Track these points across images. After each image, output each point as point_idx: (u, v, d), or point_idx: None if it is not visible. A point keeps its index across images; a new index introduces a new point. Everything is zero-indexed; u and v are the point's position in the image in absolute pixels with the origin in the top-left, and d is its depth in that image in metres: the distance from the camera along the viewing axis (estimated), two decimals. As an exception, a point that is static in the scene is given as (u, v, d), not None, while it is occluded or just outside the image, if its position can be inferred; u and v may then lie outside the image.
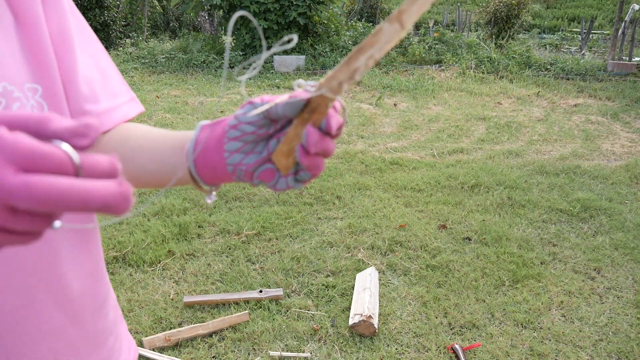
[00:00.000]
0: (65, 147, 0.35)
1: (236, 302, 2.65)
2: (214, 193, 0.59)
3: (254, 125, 0.53)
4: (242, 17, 11.02)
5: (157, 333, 2.41)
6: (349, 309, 2.60)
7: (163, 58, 11.19)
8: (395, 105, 7.69)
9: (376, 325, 2.43)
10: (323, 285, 2.84)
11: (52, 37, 0.65)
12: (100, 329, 0.74)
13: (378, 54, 0.45)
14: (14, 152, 0.32)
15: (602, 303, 2.76)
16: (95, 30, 13.84)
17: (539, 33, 18.91)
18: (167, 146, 0.66)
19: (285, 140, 0.52)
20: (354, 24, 12.44)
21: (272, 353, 2.31)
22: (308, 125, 0.50)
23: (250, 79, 9.67)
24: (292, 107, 0.50)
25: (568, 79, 9.79)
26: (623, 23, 11.14)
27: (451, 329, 2.52)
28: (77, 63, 0.69)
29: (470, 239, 3.42)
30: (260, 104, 0.53)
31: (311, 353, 2.33)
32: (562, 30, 20.93)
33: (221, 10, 11.16)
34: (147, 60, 11.22)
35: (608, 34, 17.28)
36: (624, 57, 11.04)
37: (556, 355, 2.35)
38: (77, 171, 0.34)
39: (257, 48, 11.03)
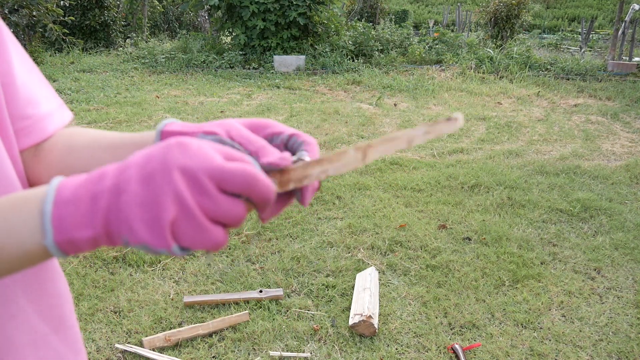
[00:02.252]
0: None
1: (236, 302, 2.65)
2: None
3: None
4: (237, 18, 11.03)
5: (157, 333, 2.41)
6: (349, 309, 2.60)
7: (163, 58, 11.19)
8: (395, 105, 7.69)
9: (376, 325, 2.43)
10: (323, 285, 2.84)
11: None
12: (77, 334, 0.74)
13: (332, 172, 0.49)
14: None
15: (602, 303, 2.76)
16: (95, 30, 13.85)
17: (539, 33, 18.91)
18: (126, 155, 0.64)
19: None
20: (354, 24, 12.44)
21: (272, 353, 2.31)
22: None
23: (250, 78, 9.67)
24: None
25: (568, 79, 9.79)
26: (623, 23, 11.13)
27: (451, 329, 2.52)
28: (14, 66, 0.67)
29: (470, 239, 3.42)
30: (210, 137, 0.53)
31: (311, 353, 2.33)
32: (562, 30, 20.92)
33: (219, 11, 11.16)
34: (147, 60, 11.22)
35: (608, 34, 17.28)
36: (624, 57, 11.04)
37: (556, 355, 2.35)
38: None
39: (256, 48, 11.03)
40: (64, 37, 11.25)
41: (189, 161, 0.43)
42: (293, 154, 0.55)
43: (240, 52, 10.88)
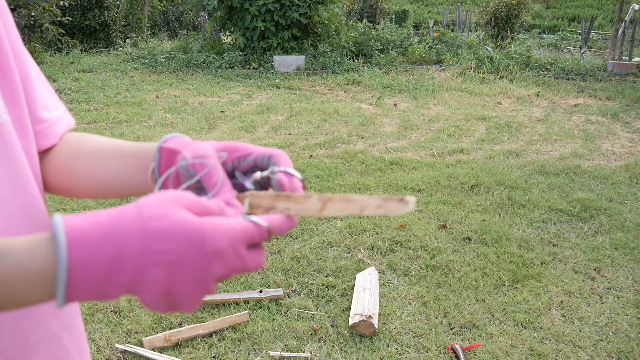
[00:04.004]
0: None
1: (236, 302, 2.65)
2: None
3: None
4: (236, 19, 11.02)
5: (157, 333, 2.41)
6: (349, 309, 2.60)
7: (163, 58, 11.19)
8: (395, 105, 7.69)
9: (376, 325, 2.43)
10: (323, 285, 2.84)
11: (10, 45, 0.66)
12: (82, 334, 0.75)
13: (294, 212, 0.53)
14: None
15: (602, 303, 2.76)
16: (95, 31, 13.84)
17: (539, 33, 18.91)
18: (130, 163, 0.69)
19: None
20: (354, 23, 12.44)
21: (272, 353, 2.31)
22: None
23: (250, 78, 9.68)
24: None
25: (568, 79, 9.79)
26: (623, 23, 11.14)
27: (451, 329, 2.52)
28: (31, 72, 0.70)
29: (470, 239, 3.42)
30: (186, 163, 0.59)
31: (311, 353, 2.33)
32: (562, 30, 20.92)
33: (219, 12, 11.16)
34: (147, 60, 11.22)
35: (608, 34, 17.28)
36: (624, 57, 11.04)
37: (556, 355, 2.35)
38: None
39: (256, 49, 11.03)
40: (59, 38, 11.24)
41: (222, 271, 0.50)
42: (264, 169, 0.60)
43: (240, 52, 10.88)
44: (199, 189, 0.59)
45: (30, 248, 0.46)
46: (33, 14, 10.44)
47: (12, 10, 10.49)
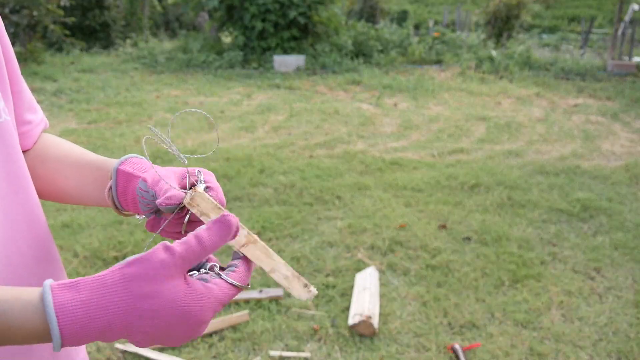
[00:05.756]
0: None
1: (236, 302, 2.65)
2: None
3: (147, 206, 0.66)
4: (235, 18, 11.02)
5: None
6: (348, 309, 2.61)
7: (163, 58, 11.19)
8: (395, 105, 7.70)
9: (376, 325, 2.43)
10: (323, 285, 2.84)
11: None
12: None
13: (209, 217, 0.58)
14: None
15: (602, 303, 2.76)
16: (95, 31, 13.84)
17: (539, 33, 18.90)
18: (89, 177, 0.73)
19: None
20: (354, 24, 12.44)
21: (272, 353, 2.31)
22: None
23: (250, 78, 9.68)
24: (167, 209, 0.61)
25: (568, 79, 9.80)
26: (623, 23, 11.14)
27: (451, 329, 2.52)
28: (20, 75, 0.73)
29: (470, 239, 3.42)
30: (145, 185, 0.64)
31: (311, 353, 2.34)
32: (562, 30, 20.91)
33: (218, 12, 11.16)
34: (147, 60, 11.22)
35: (608, 34, 17.28)
36: (624, 57, 11.04)
37: (556, 355, 2.36)
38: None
39: (256, 48, 11.03)
40: (64, 39, 11.25)
41: (208, 317, 0.55)
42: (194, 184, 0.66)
43: (240, 52, 10.88)
44: (157, 210, 0.64)
45: (24, 316, 0.50)
46: (35, 14, 10.44)
47: (16, 11, 10.49)
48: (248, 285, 0.58)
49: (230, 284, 0.56)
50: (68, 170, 0.74)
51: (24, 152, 0.74)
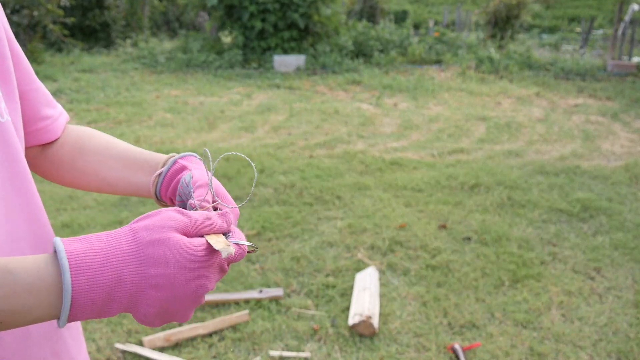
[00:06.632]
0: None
1: (236, 302, 2.65)
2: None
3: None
4: (234, 18, 11.02)
5: (157, 333, 2.41)
6: (348, 309, 2.61)
7: (163, 58, 11.19)
8: (395, 105, 7.70)
9: (376, 325, 2.43)
10: (323, 285, 2.84)
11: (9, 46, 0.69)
12: (79, 327, 0.77)
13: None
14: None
15: (602, 303, 2.76)
16: (95, 31, 13.84)
17: (539, 33, 18.91)
18: (134, 169, 0.75)
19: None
20: (355, 23, 12.43)
21: (272, 353, 2.31)
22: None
23: (250, 78, 9.68)
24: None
25: (568, 79, 9.80)
26: (623, 23, 11.14)
27: (451, 329, 2.52)
28: (32, 73, 0.75)
29: (470, 239, 3.42)
30: (190, 177, 0.67)
31: (311, 353, 2.34)
32: (562, 30, 20.92)
33: (218, 12, 11.15)
34: (147, 60, 11.22)
35: (608, 34, 17.28)
36: (624, 57, 11.04)
37: (556, 355, 2.36)
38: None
39: (255, 48, 11.03)
40: (63, 39, 11.25)
41: (211, 285, 0.55)
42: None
43: (240, 52, 10.87)
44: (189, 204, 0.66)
45: (36, 268, 0.49)
46: (35, 14, 10.45)
47: (17, 11, 10.49)
48: (255, 246, 0.59)
49: (235, 243, 0.56)
50: (112, 162, 0.76)
51: (45, 145, 0.78)
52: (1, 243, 0.60)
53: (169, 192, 0.70)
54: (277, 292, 2.71)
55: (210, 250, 0.53)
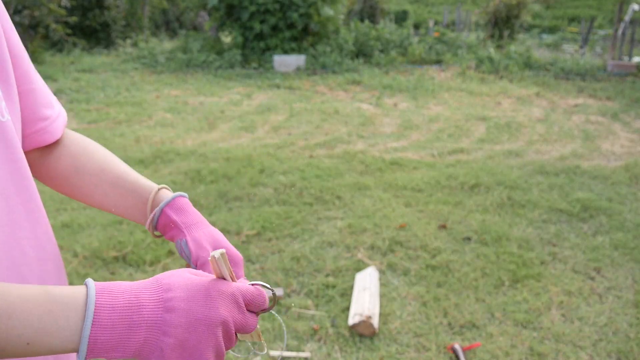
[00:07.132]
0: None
1: (236, 302, 2.64)
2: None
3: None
4: (234, 17, 11.02)
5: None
6: (348, 309, 2.61)
7: (163, 58, 11.19)
8: (395, 105, 7.70)
9: (376, 325, 2.43)
10: (323, 285, 2.84)
11: (8, 47, 0.68)
12: None
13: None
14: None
15: (602, 303, 2.76)
16: (95, 31, 13.84)
17: (539, 33, 18.91)
18: (129, 201, 0.78)
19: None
20: (356, 23, 12.43)
21: (272, 353, 2.31)
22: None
23: (250, 78, 9.68)
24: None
25: (568, 79, 9.80)
26: (623, 23, 11.13)
27: (451, 329, 2.52)
28: (33, 72, 0.74)
29: (470, 239, 3.42)
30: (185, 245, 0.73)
31: (311, 353, 2.34)
32: (562, 30, 20.92)
33: (218, 12, 11.15)
34: (147, 60, 11.23)
35: (608, 34, 17.28)
36: (624, 57, 11.04)
37: (556, 355, 2.36)
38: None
39: (255, 48, 11.03)
40: (66, 39, 11.25)
41: (226, 314, 0.58)
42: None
43: (239, 51, 10.87)
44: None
45: (70, 296, 0.54)
46: (36, 14, 10.45)
47: (19, 11, 10.49)
48: (274, 292, 0.65)
49: (252, 284, 0.62)
50: (106, 188, 0.78)
51: (45, 148, 0.78)
52: (2, 243, 0.60)
53: (166, 234, 0.76)
54: (277, 292, 2.71)
55: (223, 284, 0.58)
